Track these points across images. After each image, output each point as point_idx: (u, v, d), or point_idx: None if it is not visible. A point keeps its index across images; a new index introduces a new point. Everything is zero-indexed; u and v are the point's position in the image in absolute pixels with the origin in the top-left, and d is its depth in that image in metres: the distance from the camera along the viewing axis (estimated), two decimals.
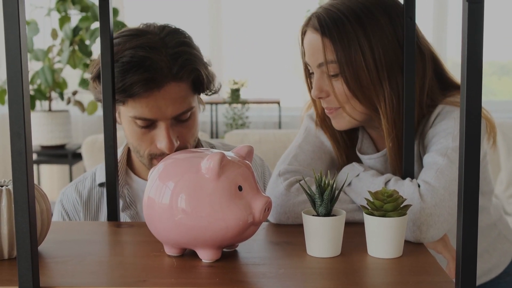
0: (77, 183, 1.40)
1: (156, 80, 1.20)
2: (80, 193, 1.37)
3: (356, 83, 1.13)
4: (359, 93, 1.13)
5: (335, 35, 1.13)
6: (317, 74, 1.17)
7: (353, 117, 1.17)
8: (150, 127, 1.25)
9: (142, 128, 1.25)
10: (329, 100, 1.18)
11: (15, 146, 0.73)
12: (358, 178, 1.12)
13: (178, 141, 1.26)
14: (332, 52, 1.13)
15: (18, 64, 0.72)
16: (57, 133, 3.20)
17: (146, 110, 1.22)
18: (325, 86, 1.16)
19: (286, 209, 1.08)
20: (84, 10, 3.03)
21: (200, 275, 0.84)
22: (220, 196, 0.85)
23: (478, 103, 0.73)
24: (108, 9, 1.11)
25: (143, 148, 1.28)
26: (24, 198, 0.74)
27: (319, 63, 1.16)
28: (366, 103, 1.14)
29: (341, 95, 1.15)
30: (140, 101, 1.22)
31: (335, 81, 1.15)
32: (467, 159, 0.74)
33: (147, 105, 1.22)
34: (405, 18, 1.08)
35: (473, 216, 0.75)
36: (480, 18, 0.72)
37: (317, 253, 0.91)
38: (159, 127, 1.25)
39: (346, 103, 1.15)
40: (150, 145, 1.27)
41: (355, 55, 1.12)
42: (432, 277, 0.83)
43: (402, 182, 1.06)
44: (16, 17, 0.71)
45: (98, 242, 1.03)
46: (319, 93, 1.17)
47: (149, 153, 1.28)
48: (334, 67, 1.14)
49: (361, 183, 1.10)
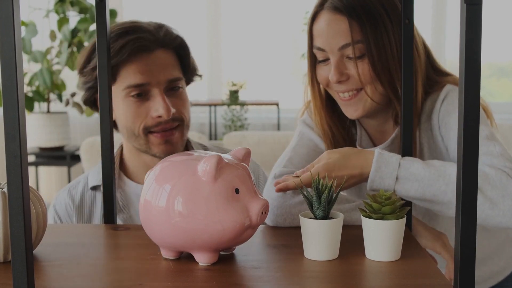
0: (70, 187, 1.40)
1: (144, 44, 1.28)
2: (72, 197, 1.37)
3: (380, 63, 1.14)
4: (382, 74, 1.15)
5: (362, 15, 1.14)
6: (336, 57, 1.17)
7: (374, 99, 1.17)
8: (144, 97, 1.29)
9: (136, 98, 1.29)
10: (349, 83, 1.18)
11: (10, 149, 0.72)
12: (404, 166, 1.03)
13: (174, 109, 1.30)
14: (359, 32, 1.14)
15: (12, 65, 0.71)
16: (55, 134, 3.20)
17: (139, 76, 1.27)
18: (344, 69, 1.17)
19: (283, 210, 1.07)
20: (82, 11, 3.03)
21: (197, 279, 0.84)
22: (217, 198, 0.84)
23: (476, 105, 0.73)
24: (105, 10, 1.11)
25: (138, 123, 1.31)
26: (19, 201, 0.73)
27: (342, 44, 1.16)
28: (388, 83, 1.16)
29: (365, 76, 1.15)
30: (131, 68, 1.28)
31: (359, 62, 1.15)
32: (465, 160, 0.73)
33: (139, 70, 1.27)
34: (403, 19, 1.07)
35: (472, 218, 0.74)
36: (478, 20, 0.71)
37: (314, 256, 0.91)
38: (153, 95, 1.29)
39: (369, 84, 1.16)
40: (145, 118, 1.30)
41: (382, 35, 1.14)
42: (430, 280, 0.82)
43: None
44: (10, 18, 0.70)
45: (94, 245, 1.02)
46: (340, 76, 1.17)
47: (144, 127, 1.30)
48: (361, 48, 1.14)
49: (412, 167, 1.03)
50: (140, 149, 1.34)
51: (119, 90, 1.30)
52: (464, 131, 0.73)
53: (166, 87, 1.31)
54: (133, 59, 1.28)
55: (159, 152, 1.33)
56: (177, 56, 1.35)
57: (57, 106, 3.40)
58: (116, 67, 1.28)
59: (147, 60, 1.29)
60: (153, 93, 1.29)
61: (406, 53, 1.08)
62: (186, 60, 1.36)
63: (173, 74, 1.32)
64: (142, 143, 1.32)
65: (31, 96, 3.08)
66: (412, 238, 1.02)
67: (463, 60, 0.72)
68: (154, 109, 1.29)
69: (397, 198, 0.93)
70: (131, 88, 1.28)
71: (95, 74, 1.29)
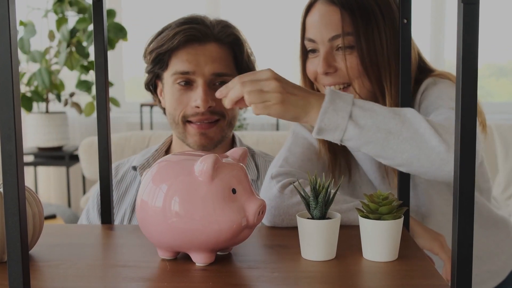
0: (120, 163, 1.48)
1: (197, 34, 1.33)
2: (117, 172, 1.45)
3: (369, 57, 1.14)
4: (370, 69, 1.15)
5: (355, 8, 1.14)
6: (326, 48, 1.17)
7: (361, 95, 1.17)
8: (189, 86, 1.34)
9: (181, 86, 1.34)
10: (336, 76, 1.17)
11: (5, 149, 0.72)
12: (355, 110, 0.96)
13: (214, 103, 1.33)
14: (350, 24, 1.14)
15: (8, 65, 0.71)
16: (54, 135, 3.19)
17: (186, 64, 1.32)
18: (333, 61, 1.16)
19: (281, 211, 1.07)
20: (81, 11, 3.03)
21: (194, 279, 0.84)
22: (213, 199, 0.84)
23: (474, 105, 0.72)
24: (102, 10, 1.10)
25: (178, 111, 1.36)
26: (15, 201, 0.73)
27: (332, 35, 1.16)
28: (375, 80, 1.16)
29: (352, 70, 1.15)
30: (181, 55, 1.33)
31: (348, 54, 1.14)
32: (462, 159, 0.73)
33: (187, 58, 1.32)
34: (401, 19, 1.07)
35: (469, 218, 0.74)
36: (475, 19, 0.71)
37: (311, 256, 0.91)
38: (197, 86, 1.33)
39: (356, 79, 1.16)
40: (186, 106, 1.35)
41: (373, 30, 1.14)
42: (428, 281, 0.82)
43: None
44: (6, 18, 0.70)
45: (91, 246, 1.02)
46: (327, 67, 1.17)
47: (183, 115, 1.35)
48: (350, 40, 1.14)
49: (367, 103, 0.96)
50: (179, 137, 1.39)
51: (168, 76, 1.36)
52: (461, 130, 0.73)
53: (212, 80, 1.34)
54: (184, 47, 1.33)
55: (193, 142, 1.38)
56: (232, 53, 1.38)
57: (55, 106, 3.39)
58: (168, 54, 1.35)
59: (197, 50, 1.33)
60: (197, 83, 1.33)
61: (404, 53, 1.08)
62: (241, 58, 1.38)
63: (221, 68, 1.34)
64: (180, 131, 1.38)
65: (30, 96, 3.07)
66: (410, 239, 1.02)
67: (460, 59, 0.72)
68: (194, 98, 1.33)
69: (395, 198, 0.93)
70: (178, 74, 1.34)
71: (151, 58, 1.37)
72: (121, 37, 2.98)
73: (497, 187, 2.93)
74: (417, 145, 0.93)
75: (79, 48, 3.03)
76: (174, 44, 1.32)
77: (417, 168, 0.95)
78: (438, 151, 0.92)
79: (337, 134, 0.94)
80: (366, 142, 0.94)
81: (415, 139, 0.93)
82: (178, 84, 1.35)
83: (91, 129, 3.59)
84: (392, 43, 1.15)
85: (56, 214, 2.79)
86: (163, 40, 1.35)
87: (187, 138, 1.38)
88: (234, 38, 1.37)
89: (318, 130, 0.95)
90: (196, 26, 1.34)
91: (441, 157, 0.92)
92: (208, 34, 1.35)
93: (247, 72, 1.00)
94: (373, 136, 0.93)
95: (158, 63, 1.38)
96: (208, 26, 1.36)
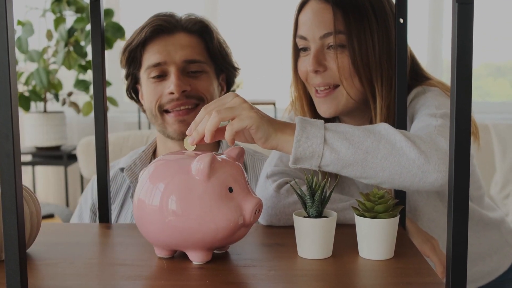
0: (113, 164, 1.48)
1: (164, 24, 1.35)
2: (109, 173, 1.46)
3: (361, 57, 1.14)
4: (361, 69, 1.14)
5: (347, 6, 1.14)
6: (317, 46, 1.16)
7: (350, 95, 1.16)
8: (163, 78, 1.35)
9: (155, 79, 1.35)
10: (325, 75, 1.17)
11: (3, 148, 0.72)
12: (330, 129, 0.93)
13: (189, 87, 1.34)
14: (342, 23, 1.14)
15: (6, 64, 0.71)
16: (52, 134, 3.19)
17: (157, 55, 1.34)
18: (323, 59, 1.16)
19: (277, 210, 1.07)
20: (79, 11, 3.03)
21: (191, 277, 0.84)
22: (210, 197, 0.84)
23: (468, 105, 0.73)
24: (99, 10, 1.11)
25: (154, 102, 1.36)
26: (12, 200, 0.73)
27: (324, 33, 1.15)
28: (366, 80, 1.15)
29: (343, 70, 1.14)
30: (151, 48, 1.35)
31: (339, 54, 1.14)
32: (457, 160, 0.73)
33: (158, 50, 1.34)
34: (397, 19, 1.07)
35: (464, 218, 0.74)
36: (470, 19, 0.71)
37: (308, 254, 0.91)
38: (170, 74, 1.34)
39: (346, 79, 1.15)
40: (161, 96, 1.35)
41: (365, 30, 1.14)
42: (423, 279, 0.83)
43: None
44: (4, 17, 0.70)
45: (88, 244, 1.02)
46: (317, 65, 1.16)
47: (159, 105, 1.36)
48: (342, 39, 1.14)
49: (339, 127, 0.93)
50: (160, 130, 1.40)
51: (143, 73, 1.37)
52: (455, 131, 0.73)
53: (185, 68, 1.36)
54: (152, 40, 1.35)
55: (172, 132, 1.37)
56: (202, 41, 1.39)
57: (53, 106, 3.39)
58: (139, 51, 1.37)
59: (166, 41, 1.36)
60: (170, 72, 1.35)
61: (400, 53, 1.09)
62: (211, 45, 1.39)
63: (192, 55, 1.36)
64: (159, 123, 1.38)
65: (28, 95, 3.07)
66: (406, 237, 1.03)
67: (454, 58, 0.72)
68: (167, 86, 1.34)
69: (390, 197, 0.93)
70: (151, 68, 1.35)
71: (125, 58, 1.39)
72: (119, 37, 2.98)
73: (494, 186, 2.94)
74: (396, 160, 0.90)
75: (77, 48, 3.03)
76: (142, 37, 1.35)
77: (400, 183, 0.92)
78: (418, 163, 0.90)
79: (314, 161, 0.91)
80: (344, 165, 0.91)
81: (393, 154, 0.90)
82: (152, 78, 1.36)
83: (89, 128, 3.59)
84: (384, 44, 1.15)
85: (54, 214, 2.79)
86: (132, 37, 1.38)
87: (166, 129, 1.37)
88: (201, 26, 1.39)
89: (295, 159, 0.91)
90: (163, 17, 1.37)
91: (422, 169, 0.90)
92: (175, 24, 1.37)
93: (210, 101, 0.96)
94: (351, 158, 0.90)
95: (132, 62, 1.39)
96: (174, 16, 1.39)
